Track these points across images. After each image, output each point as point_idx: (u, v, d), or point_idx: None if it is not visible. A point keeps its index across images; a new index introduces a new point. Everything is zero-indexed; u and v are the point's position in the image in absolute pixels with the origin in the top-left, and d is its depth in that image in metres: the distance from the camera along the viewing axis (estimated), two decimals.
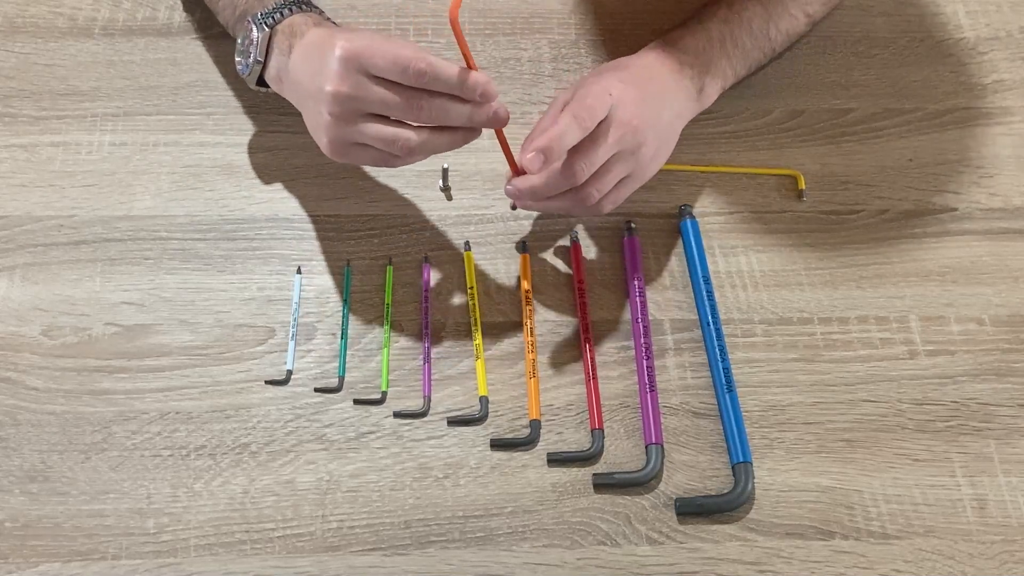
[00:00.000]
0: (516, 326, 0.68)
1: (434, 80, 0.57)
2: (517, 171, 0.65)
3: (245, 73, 0.67)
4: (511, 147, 0.65)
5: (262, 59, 0.65)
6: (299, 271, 0.70)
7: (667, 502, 0.62)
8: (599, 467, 0.63)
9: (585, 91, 0.63)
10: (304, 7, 0.66)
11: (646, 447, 0.64)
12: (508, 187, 0.65)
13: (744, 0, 0.73)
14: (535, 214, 0.73)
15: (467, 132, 0.61)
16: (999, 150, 0.78)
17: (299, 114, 0.67)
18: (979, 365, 0.68)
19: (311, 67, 0.61)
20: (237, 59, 0.67)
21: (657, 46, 0.71)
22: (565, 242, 0.72)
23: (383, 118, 0.60)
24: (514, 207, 0.72)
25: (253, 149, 0.75)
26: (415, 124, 0.60)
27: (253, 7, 0.67)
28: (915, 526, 0.62)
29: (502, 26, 0.82)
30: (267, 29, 0.65)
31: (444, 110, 0.59)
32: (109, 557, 0.59)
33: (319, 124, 0.61)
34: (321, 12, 0.67)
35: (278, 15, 0.65)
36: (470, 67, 0.58)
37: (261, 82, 0.67)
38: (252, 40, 0.65)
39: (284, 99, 0.67)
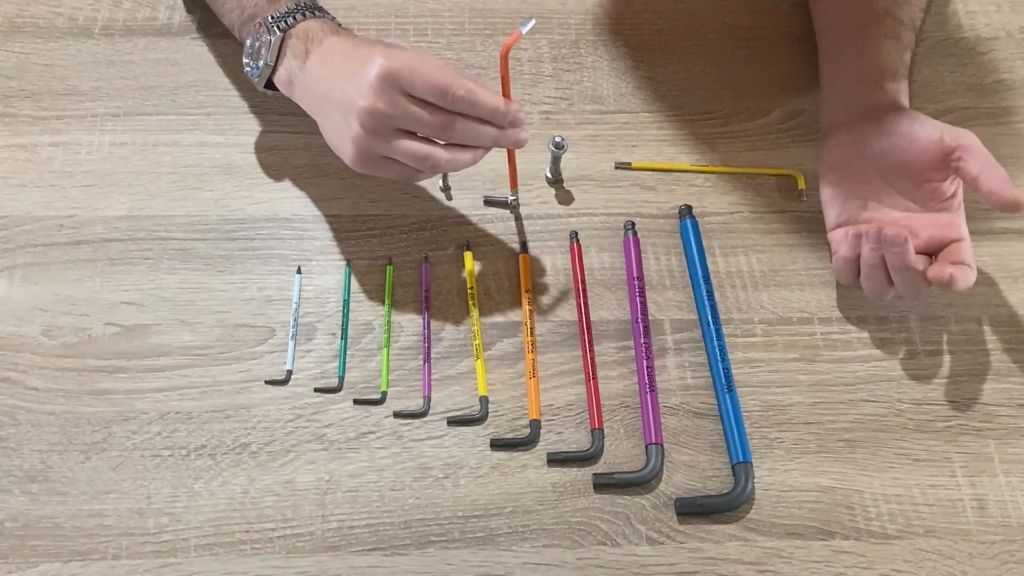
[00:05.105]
0: (516, 326, 0.68)
1: (471, 106, 0.59)
2: (516, 185, 0.69)
3: (254, 76, 0.67)
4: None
5: (273, 63, 0.65)
6: (299, 271, 0.70)
7: (667, 502, 0.62)
8: (599, 467, 0.63)
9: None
10: (317, 12, 0.66)
11: (646, 447, 0.64)
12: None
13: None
14: (535, 215, 0.73)
15: (487, 150, 0.63)
16: (999, 150, 0.77)
17: (300, 114, 0.67)
18: (979, 365, 0.68)
19: (336, 76, 0.61)
20: (245, 61, 0.67)
21: (899, 93, 0.71)
22: (565, 242, 0.72)
23: (412, 134, 0.60)
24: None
25: (253, 149, 0.75)
26: (442, 142, 0.61)
27: (263, 9, 0.66)
28: (915, 526, 0.62)
29: (502, 26, 0.82)
30: (280, 32, 0.64)
31: (474, 131, 0.61)
32: (109, 557, 0.59)
33: (345, 135, 0.61)
34: (334, 19, 0.67)
35: (291, 19, 0.65)
36: (505, 95, 0.61)
37: (269, 84, 0.67)
38: (264, 43, 0.65)
39: (284, 99, 0.67)
